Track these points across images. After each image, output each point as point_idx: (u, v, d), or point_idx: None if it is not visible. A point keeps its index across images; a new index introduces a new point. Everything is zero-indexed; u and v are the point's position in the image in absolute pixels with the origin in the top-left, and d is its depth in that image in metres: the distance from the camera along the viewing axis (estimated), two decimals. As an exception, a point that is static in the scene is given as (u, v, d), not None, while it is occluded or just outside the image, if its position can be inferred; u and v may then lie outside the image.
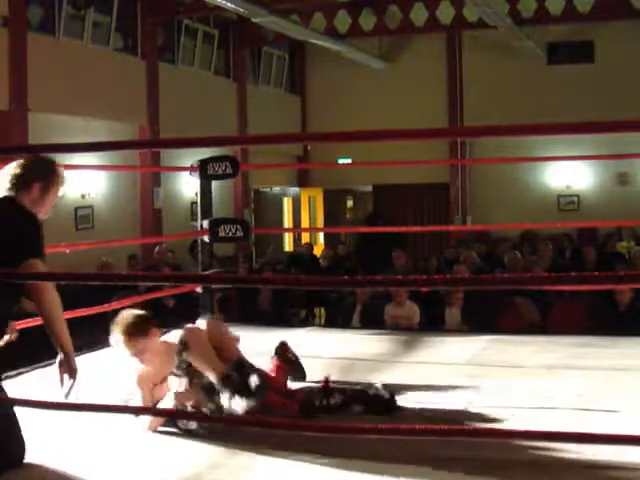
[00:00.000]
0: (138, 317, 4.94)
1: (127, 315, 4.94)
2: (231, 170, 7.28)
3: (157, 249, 13.81)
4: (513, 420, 4.62)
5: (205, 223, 7.48)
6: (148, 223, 15.67)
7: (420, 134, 4.15)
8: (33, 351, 6.02)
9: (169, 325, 6.17)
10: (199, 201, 7.65)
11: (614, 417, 4.71)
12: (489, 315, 9.37)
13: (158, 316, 10.63)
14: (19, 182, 4.19)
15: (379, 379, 5.75)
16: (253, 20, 14.98)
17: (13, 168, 4.22)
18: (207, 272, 7.56)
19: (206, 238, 7.51)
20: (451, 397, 5.20)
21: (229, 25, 18.51)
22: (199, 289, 7.45)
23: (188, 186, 16.25)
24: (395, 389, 5.21)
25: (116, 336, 4.84)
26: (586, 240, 16.32)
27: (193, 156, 8.47)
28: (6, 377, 4.79)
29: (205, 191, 7.62)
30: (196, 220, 7.72)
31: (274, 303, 11.53)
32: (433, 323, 9.71)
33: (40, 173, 4.26)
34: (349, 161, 19.30)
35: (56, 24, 13.49)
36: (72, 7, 13.84)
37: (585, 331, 7.75)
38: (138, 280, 8.71)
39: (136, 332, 4.82)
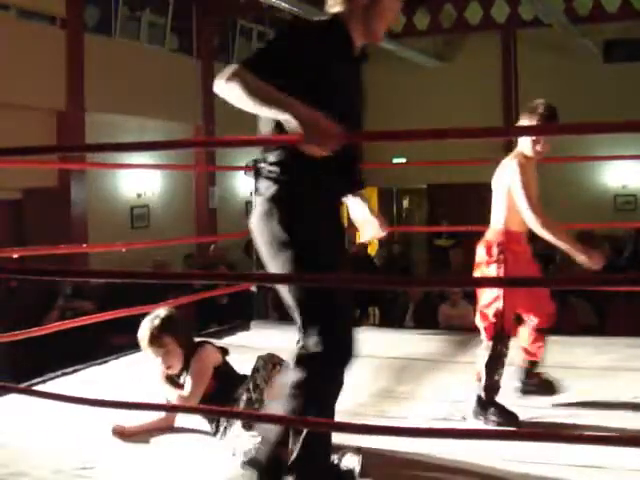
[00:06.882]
0: None
1: None
2: (285, 169, 7.27)
3: (212, 248, 13.88)
4: (571, 422, 4.59)
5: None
6: (203, 222, 15.78)
7: (479, 133, 4.10)
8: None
9: (223, 323, 6.19)
10: (254, 200, 7.68)
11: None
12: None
13: (211, 314, 10.66)
14: None
15: (433, 379, 5.74)
16: (307, 20, 14.99)
17: None
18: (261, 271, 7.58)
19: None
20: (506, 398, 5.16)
21: (284, 25, 18.53)
22: (254, 288, 7.49)
23: (243, 185, 16.34)
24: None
25: None
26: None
27: (248, 156, 8.51)
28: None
29: (259, 190, 7.63)
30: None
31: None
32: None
33: None
34: (403, 160, 19.23)
35: (112, 25, 13.66)
36: (128, 8, 14.01)
37: (642, 332, 7.65)
38: (193, 279, 8.78)
39: None
